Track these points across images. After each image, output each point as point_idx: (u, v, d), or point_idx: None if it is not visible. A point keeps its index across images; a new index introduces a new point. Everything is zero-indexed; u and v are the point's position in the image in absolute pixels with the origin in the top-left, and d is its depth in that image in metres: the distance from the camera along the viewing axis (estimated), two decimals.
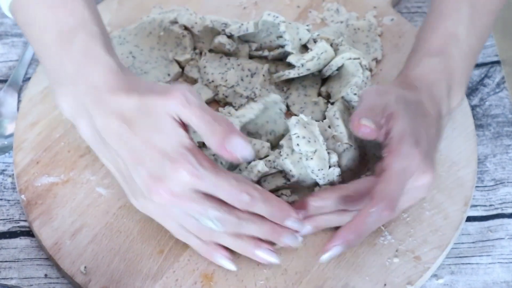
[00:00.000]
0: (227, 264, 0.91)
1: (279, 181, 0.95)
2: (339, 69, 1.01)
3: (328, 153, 0.94)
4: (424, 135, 0.90)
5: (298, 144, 0.93)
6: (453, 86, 0.96)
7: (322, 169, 0.93)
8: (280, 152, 0.94)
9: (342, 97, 0.98)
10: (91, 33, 0.91)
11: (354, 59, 1.00)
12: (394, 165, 0.88)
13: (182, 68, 1.05)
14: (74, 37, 0.90)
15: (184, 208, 0.88)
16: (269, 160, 0.94)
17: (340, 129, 0.96)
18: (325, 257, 0.88)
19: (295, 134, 0.93)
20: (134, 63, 1.04)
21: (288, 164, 0.93)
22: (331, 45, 1.02)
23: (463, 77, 0.97)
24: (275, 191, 0.95)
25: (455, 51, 0.96)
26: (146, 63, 1.04)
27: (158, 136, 0.86)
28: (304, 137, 0.93)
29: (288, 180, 0.94)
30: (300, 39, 1.02)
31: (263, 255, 0.90)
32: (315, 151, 0.93)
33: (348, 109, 0.99)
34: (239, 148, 0.86)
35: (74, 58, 0.90)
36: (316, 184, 0.95)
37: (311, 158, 0.93)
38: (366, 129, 0.89)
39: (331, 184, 0.94)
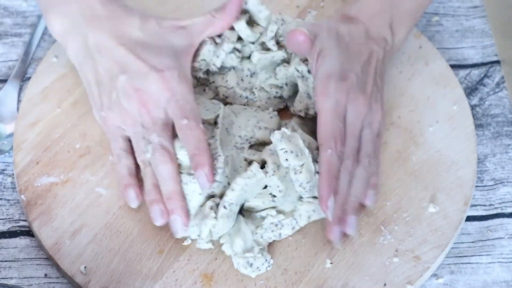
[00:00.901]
0: (132, 195, 0.94)
1: (266, 199, 0.93)
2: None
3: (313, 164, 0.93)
4: (355, 67, 0.93)
5: (287, 159, 0.91)
6: (396, 17, 0.96)
7: (309, 182, 0.92)
8: (266, 169, 0.93)
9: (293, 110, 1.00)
10: None
11: (299, 70, 0.99)
12: (324, 104, 0.91)
13: None
14: None
15: (143, 119, 0.93)
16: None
17: (304, 137, 0.95)
18: (336, 242, 0.92)
19: (282, 149, 0.91)
20: None
21: (275, 180, 0.92)
22: None
23: (408, 9, 0.98)
24: (260, 211, 0.94)
25: None
26: None
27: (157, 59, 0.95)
28: (292, 152, 0.91)
29: (274, 196, 0.93)
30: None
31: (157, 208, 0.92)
32: (303, 164, 0.92)
33: (303, 118, 0.99)
34: (201, 180, 0.91)
35: None
36: (299, 197, 0.94)
37: (300, 172, 0.92)
38: (301, 35, 0.92)
39: (314, 197, 0.93)
